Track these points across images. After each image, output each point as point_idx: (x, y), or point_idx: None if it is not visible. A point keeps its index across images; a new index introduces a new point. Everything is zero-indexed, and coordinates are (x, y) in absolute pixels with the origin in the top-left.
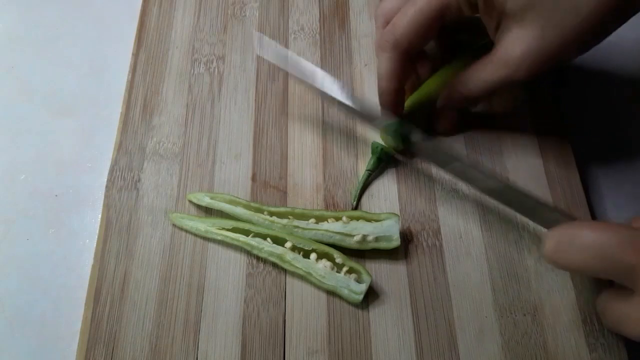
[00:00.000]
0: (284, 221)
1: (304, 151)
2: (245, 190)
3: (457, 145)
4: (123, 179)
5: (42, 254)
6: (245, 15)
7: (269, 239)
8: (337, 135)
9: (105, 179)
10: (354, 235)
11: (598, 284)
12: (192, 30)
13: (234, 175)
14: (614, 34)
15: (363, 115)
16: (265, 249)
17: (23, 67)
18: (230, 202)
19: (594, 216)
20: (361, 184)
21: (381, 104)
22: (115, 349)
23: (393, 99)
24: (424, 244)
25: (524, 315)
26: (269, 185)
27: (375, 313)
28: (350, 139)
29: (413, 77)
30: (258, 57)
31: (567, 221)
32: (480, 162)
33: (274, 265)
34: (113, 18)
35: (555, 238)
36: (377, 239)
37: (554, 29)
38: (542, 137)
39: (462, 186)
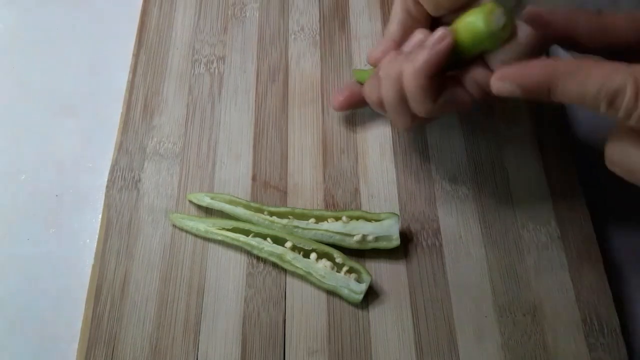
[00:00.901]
0: (284, 221)
1: (304, 151)
2: (245, 191)
3: (457, 143)
4: (123, 179)
5: (42, 254)
6: (245, 16)
7: (269, 239)
8: (337, 135)
9: (106, 179)
10: (354, 235)
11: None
12: (192, 30)
13: (234, 175)
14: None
15: None
16: (265, 249)
17: (23, 67)
18: (231, 202)
19: (593, 216)
20: None
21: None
22: (116, 349)
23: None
24: (424, 243)
25: (524, 315)
26: (269, 185)
27: (375, 313)
28: (350, 138)
29: None
30: (258, 58)
31: None
32: None
33: (274, 265)
34: (113, 18)
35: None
36: (377, 239)
37: None
38: (542, 134)
39: (462, 186)
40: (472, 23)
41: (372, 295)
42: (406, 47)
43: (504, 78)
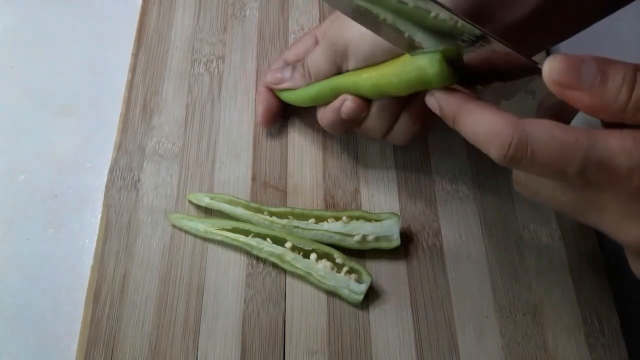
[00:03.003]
0: (284, 221)
1: (304, 151)
2: (245, 191)
3: (457, 143)
4: (123, 179)
5: (42, 254)
6: (245, 15)
7: (268, 239)
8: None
9: (105, 179)
10: (354, 235)
11: None
12: (192, 30)
13: (234, 175)
14: None
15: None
16: (265, 249)
17: (23, 67)
18: (230, 202)
19: None
20: None
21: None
22: (115, 349)
23: None
24: (424, 244)
25: (524, 315)
26: (269, 185)
27: (375, 313)
28: (350, 139)
29: None
30: (258, 57)
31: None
32: None
33: (274, 265)
34: (113, 18)
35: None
36: (377, 239)
37: None
38: None
39: (462, 186)
40: (423, 68)
41: (372, 295)
42: None
43: (432, 95)
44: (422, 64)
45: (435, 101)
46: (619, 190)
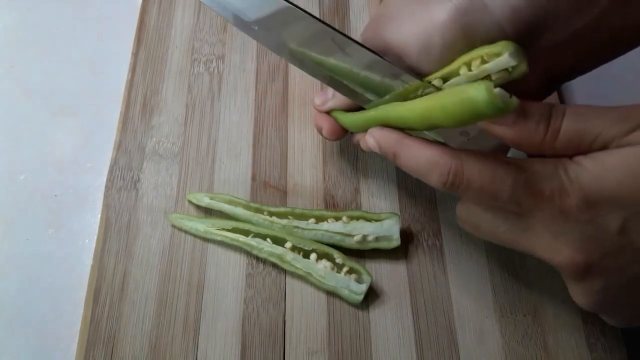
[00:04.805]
0: (284, 221)
1: (304, 151)
2: (245, 190)
3: None
4: (122, 179)
5: (41, 254)
6: None
7: (268, 239)
8: None
9: (105, 179)
10: (354, 236)
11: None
12: (191, 29)
13: (233, 175)
14: None
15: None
16: (265, 249)
17: (23, 67)
18: (230, 202)
19: None
20: None
21: None
22: (115, 348)
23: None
24: (424, 244)
25: (525, 315)
26: (269, 185)
27: (375, 313)
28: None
29: None
30: (258, 57)
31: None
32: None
33: (274, 265)
34: (113, 18)
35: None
36: (377, 239)
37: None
38: None
39: None
40: (471, 99)
41: (372, 295)
42: None
43: (370, 134)
44: (469, 94)
45: (374, 140)
46: (546, 211)
